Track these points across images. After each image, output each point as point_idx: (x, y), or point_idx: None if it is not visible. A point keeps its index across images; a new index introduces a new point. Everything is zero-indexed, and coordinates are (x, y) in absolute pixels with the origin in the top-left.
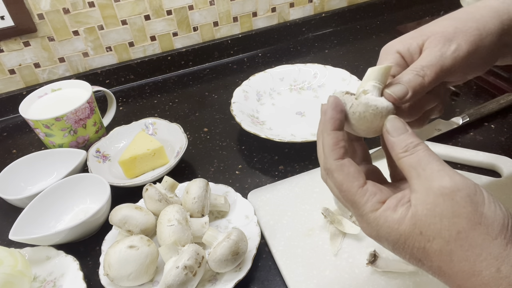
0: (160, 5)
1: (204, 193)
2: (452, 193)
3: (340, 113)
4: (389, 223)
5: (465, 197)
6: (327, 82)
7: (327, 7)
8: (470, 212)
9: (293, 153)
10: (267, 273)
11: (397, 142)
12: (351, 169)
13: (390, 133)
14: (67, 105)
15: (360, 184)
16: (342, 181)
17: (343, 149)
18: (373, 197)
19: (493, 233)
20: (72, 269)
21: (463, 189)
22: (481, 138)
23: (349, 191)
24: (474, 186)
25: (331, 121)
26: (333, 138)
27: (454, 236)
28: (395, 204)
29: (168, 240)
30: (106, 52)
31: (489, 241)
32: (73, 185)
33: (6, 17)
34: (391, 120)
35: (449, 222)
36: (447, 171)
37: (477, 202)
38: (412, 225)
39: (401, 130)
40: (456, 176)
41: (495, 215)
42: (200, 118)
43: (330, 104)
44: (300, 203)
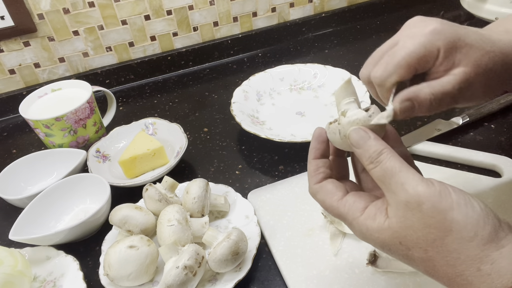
0: (160, 5)
1: (204, 193)
2: (418, 206)
3: (321, 143)
4: (370, 232)
5: (431, 208)
6: (327, 82)
7: (327, 7)
8: (439, 221)
9: (293, 153)
10: (267, 273)
11: (362, 153)
12: (328, 187)
13: (354, 144)
14: (67, 105)
15: (339, 197)
16: (323, 199)
17: (322, 174)
18: (353, 205)
19: (467, 236)
20: (72, 269)
21: (427, 200)
22: (481, 138)
23: (332, 206)
24: (439, 193)
25: (313, 151)
26: (313, 165)
27: (430, 245)
28: (374, 212)
29: (168, 240)
30: (106, 52)
31: (465, 244)
32: (73, 185)
33: (6, 17)
34: (353, 132)
35: (422, 233)
36: (410, 182)
37: (444, 210)
38: (391, 235)
39: (364, 138)
40: (419, 186)
41: (466, 218)
42: (200, 118)
43: (313, 135)
44: (300, 203)
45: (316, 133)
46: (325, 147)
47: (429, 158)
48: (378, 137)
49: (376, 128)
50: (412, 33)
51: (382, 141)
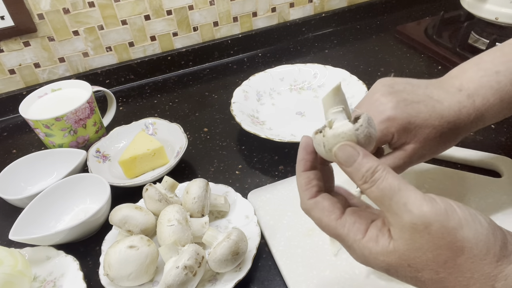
0: (160, 5)
1: (204, 193)
2: (425, 227)
3: (310, 154)
4: (374, 255)
5: (440, 229)
6: (327, 82)
7: (327, 7)
8: (450, 242)
9: (293, 153)
10: (267, 273)
11: (354, 172)
12: (325, 204)
13: (343, 163)
14: (67, 105)
15: (337, 216)
16: (319, 217)
17: (316, 188)
18: (353, 226)
19: (480, 255)
20: (72, 269)
21: (435, 221)
22: (481, 138)
23: (329, 225)
24: (445, 211)
25: (302, 162)
26: (304, 178)
27: (442, 266)
28: (376, 234)
29: (168, 240)
30: (106, 52)
31: (478, 263)
32: (73, 185)
33: (6, 17)
34: (339, 150)
35: (432, 255)
36: (413, 202)
37: (454, 229)
38: (398, 258)
39: (353, 156)
40: (424, 206)
41: (477, 235)
42: (200, 118)
43: (301, 145)
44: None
45: (303, 142)
46: (314, 157)
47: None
48: (368, 153)
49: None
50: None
51: (373, 157)
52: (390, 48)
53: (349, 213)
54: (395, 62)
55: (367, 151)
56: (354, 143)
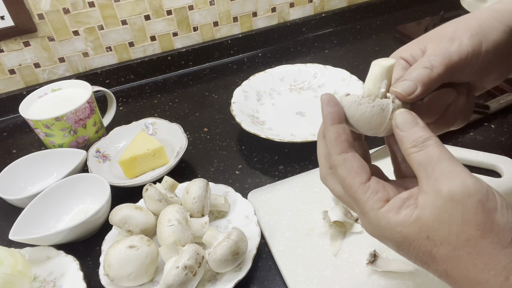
0: (160, 5)
1: (204, 193)
2: (463, 199)
3: (335, 106)
4: (391, 225)
5: (476, 203)
6: (327, 82)
7: (327, 7)
8: (481, 220)
9: (293, 153)
10: (267, 273)
11: (406, 136)
12: (354, 164)
13: (399, 127)
14: (67, 105)
15: (363, 180)
16: (344, 176)
17: (346, 142)
18: (375, 195)
19: (504, 242)
20: (72, 269)
21: (474, 194)
22: (481, 138)
23: (351, 187)
24: (487, 190)
25: (329, 116)
26: (334, 132)
27: (462, 243)
28: (399, 205)
29: (168, 240)
30: (106, 52)
31: (499, 250)
32: (73, 185)
33: (6, 17)
34: (400, 114)
35: (458, 229)
36: (459, 173)
37: (489, 209)
38: (418, 228)
39: (412, 123)
40: (468, 179)
41: (507, 222)
42: (200, 118)
43: (324, 101)
44: (300, 203)
45: (325, 99)
46: (341, 110)
47: None
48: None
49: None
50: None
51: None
52: (390, 48)
53: (375, 181)
54: None
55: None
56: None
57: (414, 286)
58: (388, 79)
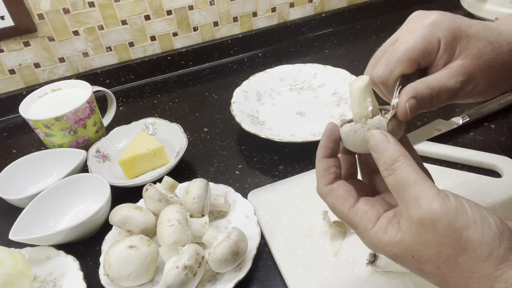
0: (160, 5)
1: (204, 193)
2: (432, 224)
3: (333, 142)
4: (382, 244)
5: (446, 226)
6: (327, 82)
7: (327, 7)
8: (453, 240)
9: (293, 153)
10: (267, 273)
11: (379, 158)
12: (340, 191)
13: (372, 149)
14: (67, 105)
15: (351, 204)
16: (334, 203)
17: (333, 175)
18: (365, 215)
19: (482, 256)
20: (72, 269)
21: (443, 217)
22: (481, 138)
23: (342, 212)
24: (455, 209)
25: (323, 149)
26: (323, 165)
27: (443, 262)
28: (385, 225)
29: (168, 240)
30: (106, 52)
31: (479, 264)
32: (73, 185)
33: (6, 17)
34: (371, 136)
35: (435, 250)
36: (425, 198)
37: (460, 228)
38: (403, 249)
39: (382, 143)
40: (435, 203)
41: (482, 237)
42: (200, 118)
43: (326, 132)
44: (300, 203)
45: (328, 130)
46: (336, 146)
47: (429, 158)
48: (398, 143)
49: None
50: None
51: (400, 148)
52: None
53: (363, 202)
54: None
55: (397, 141)
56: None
57: (414, 286)
58: (370, 96)
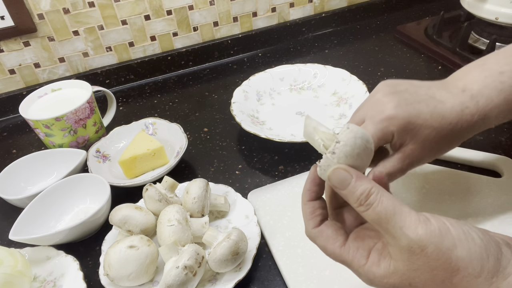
0: (160, 5)
1: (204, 193)
2: (421, 251)
3: (317, 186)
4: (378, 278)
5: (435, 250)
6: (327, 82)
7: (327, 7)
8: (444, 263)
9: (293, 153)
10: (267, 273)
11: (348, 195)
12: (329, 232)
13: (337, 187)
14: (67, 105)
15: (341, 243)
16: (324, 245)
17: (320, 216)
18: (356, 252)
19: (474, 272)
20: (72, 269)
21: (429, 242)
22: (481, 138)
23: (334, 253)
24: (439, 232)
25: (308, 192)
26: (309, 207)
27: (439, 285)
28: (377, 258)
29: (168, 240)
30: (106, 52)
31: (473, 281)
32: (73, 185)
33: (6, 17)
34: (332, 174)
35: (430, 275)
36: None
37: (448, 249)
38: (399, 278)
39: (347, 180)
40: (419, 229)
41: (470, 253)
42: (200, 118)
43: (309, 176)
44: (300, 203)
45: (312, 173)
46: (321, 189)
47: None
48: (362, 175)
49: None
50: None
51: (367, 180)
52: (390, 48)
53: (352, 238)
54: (395, 62)
55: (360, 173)
56: (347, 166)
57: None
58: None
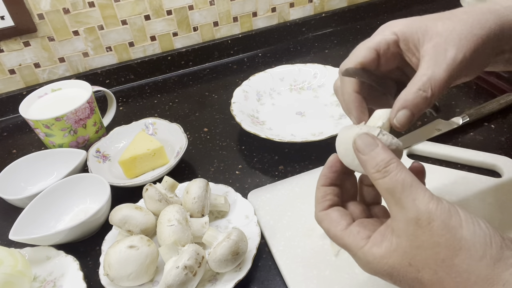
0: (160, 5)
1: (204, 193)
2: (428, 224)
3: (333, 173)
4: (378, 259)
5: (441, 225)
6: (327, 82)
7: (327, 7)
8: (448, 239)
9: (293, 153)
10: (267, 273)
11: (368, 160)
12: (333, 215)
13: (360, 150)
14: (67, 105)
15: (343, 226)
16: (328, 227)
17: (329, 202)
18: (357, 235)
19: (476, 255)
20: (72, 269)
21: (437, 217)
22: (481, 138)
23: (336, 235)
24: (448, 209)
25: (323, 178)
26: (321, 192)
27: (440, 265)
28: (380, 239)
29: (168, 240)
30: (106, 52)
31: (475, 264)
32: (73, 185)
33: (6, 17)
34: (359, 138)
35: (432, 252)
36: (422, 199)
37: (454, 227)
38: (400, 257)
39: (372, 145)
40: (431, 203)
41: (475, 235)
42: (200, 118)
43: (328, 162)
44: (300, 203)
45: (329, 161)
46: (336, 176)
47: (429, 158)
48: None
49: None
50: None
51: (390, 152)
52: None
53: (356, 224)
54: None
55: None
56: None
57: None
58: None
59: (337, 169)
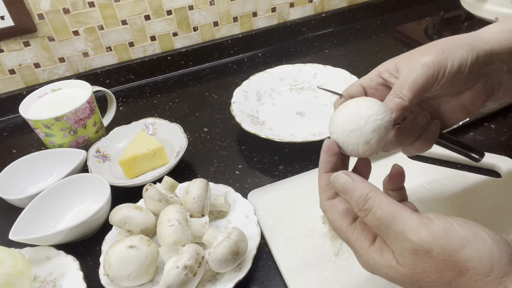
0: (160, 5)
1: (204, 193)
2: (426, 253)
3: (332, 156)
4: (378, 266)
5: (441, 252)
6: (327, 82)
7: (327, 7)
8: (452, 263)
9: (293, 153)
10: (267, 273)
11: (350, 200)
12: (340, 207)
13: (340, 192)
14: (67, 105)
15: (349, 221)
16: (333, 219)
17: (334, 190)
18: (361, 233)
19: (483, 273)
20: (72, 269)
21: (435, 245)
22: (481, 138)
23: (340, 229)
24: (444, 233)
25: (323, 164)
26: (324, 179)
27: (446, 285)
28: (381, 247)
29: (168, 240)
30: (106, 52)
31: (482, 281)
32: (73, 185)
33: (6, 17)
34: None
35: (437, 276)
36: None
37: (455, 250)
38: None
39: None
40: (422, 231)
41: (479, 253)
42: (200, 118)
43: (323, 148)
44: (300, 203)
45: (325, 146)
46: (336, 160)
47: (429, 158)
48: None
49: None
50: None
51: (365, 184)
52: (390, 48)
53: (361, 221)
54: None
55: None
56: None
57: None
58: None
59: (335, 151)
